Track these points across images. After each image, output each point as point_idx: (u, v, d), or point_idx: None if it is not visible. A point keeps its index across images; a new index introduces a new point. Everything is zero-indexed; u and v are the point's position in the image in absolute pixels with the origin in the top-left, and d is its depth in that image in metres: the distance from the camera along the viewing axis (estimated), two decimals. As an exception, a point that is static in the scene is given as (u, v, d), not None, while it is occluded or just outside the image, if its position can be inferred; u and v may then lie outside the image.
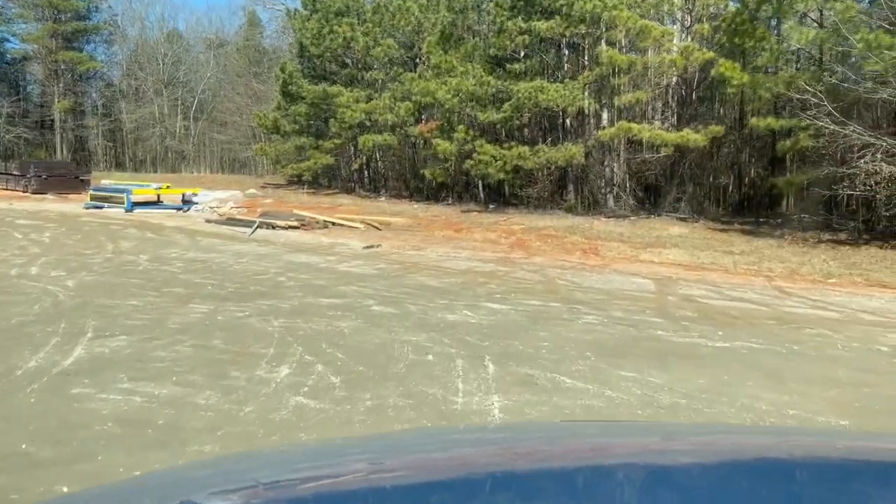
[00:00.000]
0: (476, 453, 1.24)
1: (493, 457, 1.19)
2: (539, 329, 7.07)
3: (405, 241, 14.59)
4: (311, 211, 21.70)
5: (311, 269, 10.88)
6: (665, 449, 1.23)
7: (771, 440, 1.42)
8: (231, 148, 39.12)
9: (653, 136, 16.95)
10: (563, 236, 15.57)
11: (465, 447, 1.34)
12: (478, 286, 9.60)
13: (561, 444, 1.29)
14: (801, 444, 1.31)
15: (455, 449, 1.31)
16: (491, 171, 19.91)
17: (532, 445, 1.27)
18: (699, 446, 1.26)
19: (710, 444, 1.30)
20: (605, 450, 1.23)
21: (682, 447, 1.25)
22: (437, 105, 22.69)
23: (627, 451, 1.21)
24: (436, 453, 1.24)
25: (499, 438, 1.47)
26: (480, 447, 1.32)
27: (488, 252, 13.31)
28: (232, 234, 15.17)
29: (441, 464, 1.15)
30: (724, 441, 1.34)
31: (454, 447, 1.34)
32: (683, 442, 1.32)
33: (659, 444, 1.28)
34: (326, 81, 26.13)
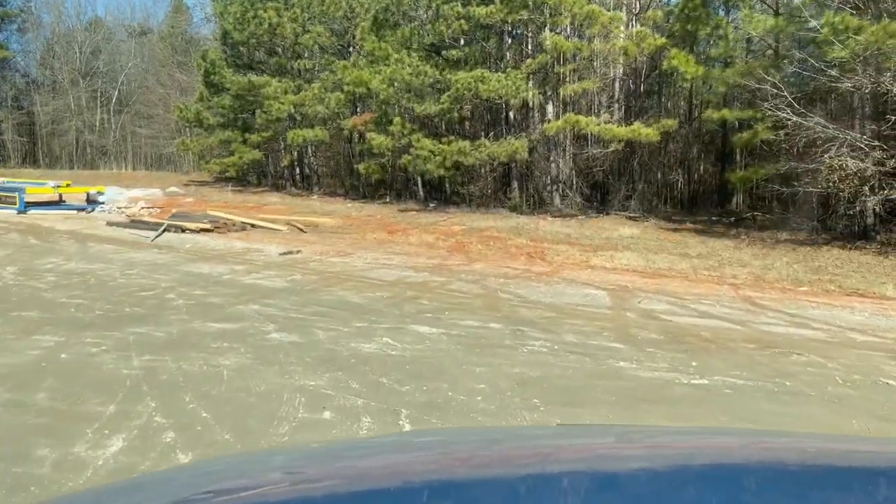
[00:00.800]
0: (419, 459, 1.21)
1: (431, 464, 1.17)
2: (475, 362, 5.65)
3: (331, 246, 13.01)
4: (234, 211, 19.88)
5: (211, 282, 9.22)
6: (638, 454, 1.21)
7: (735, 442, 1.39)
8: (156, 143, 36.58)
9: (602, 130, 15.79)
10: (507, 238, 14.25)
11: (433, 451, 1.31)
12: (407, 302, 8.14)
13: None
14: (778, 448, 1.28)
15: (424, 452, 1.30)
16: (429, 167, 18.47)
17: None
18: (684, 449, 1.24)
19: (667, 446, 1.30)
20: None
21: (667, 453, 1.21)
22: (371, 96, 21.11)
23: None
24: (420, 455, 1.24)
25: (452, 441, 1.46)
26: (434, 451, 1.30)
27: (424, 258, 11.85)
28: (133, 239, 13.31)
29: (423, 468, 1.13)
30: (679, 444, 1.32)
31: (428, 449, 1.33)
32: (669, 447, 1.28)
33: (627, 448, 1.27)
34: (253, 71, 24.21)
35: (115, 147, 38.75)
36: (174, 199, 22.90)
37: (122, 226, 14.93)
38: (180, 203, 21.87)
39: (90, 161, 38.29)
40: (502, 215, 18.42)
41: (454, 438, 1.56)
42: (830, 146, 11.54)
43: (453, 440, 1.49)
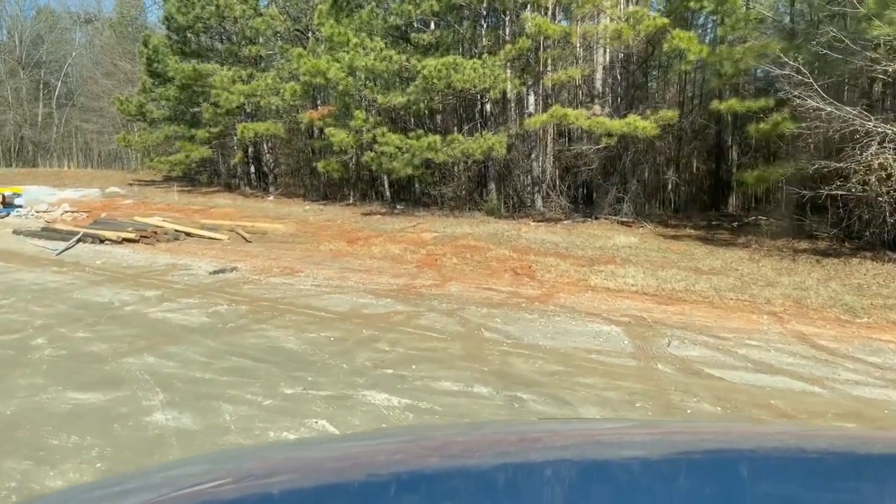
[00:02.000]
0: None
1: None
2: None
3: (276, 260, 10.85)
4: (176, 215, 17.62)
5: (106, 316, 7.02)
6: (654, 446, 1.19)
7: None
8: (102, 139, 33.84)
9: (592, 124, 13.84)
10: (487, 248, 12.23)
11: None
12: (361, 347, 6.05)
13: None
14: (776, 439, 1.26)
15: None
16: (396, 165, 16.36)
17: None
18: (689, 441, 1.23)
19: (650, 436, 1.30)
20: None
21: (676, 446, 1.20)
22: (331, 87, 18.92)
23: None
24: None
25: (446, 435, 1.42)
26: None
27: (388, 276, 9.76)
28: (34, 253, 11.00)
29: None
30: (661, 434, 1.31)
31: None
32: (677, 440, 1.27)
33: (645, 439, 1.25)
34: (201, 59, 21.83)
35: (59, 143, 35.88)
36: (111, 201, 20.47)
37: (31, 235, 12.57)
38: (116, 206, 19.48)
39: (31, 158, 35.39)
40: (478, 220, 16.41)
41: (429, 432, 1.59)
42: (870, 141, 9.71)
43: (428, 433, 1.50)
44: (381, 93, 16.75)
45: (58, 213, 15.55)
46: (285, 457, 1.24)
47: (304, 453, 1.26)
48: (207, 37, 23.15)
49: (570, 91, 18.72)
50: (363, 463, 1.10)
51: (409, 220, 16.35)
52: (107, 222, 13.62)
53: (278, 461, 1.19)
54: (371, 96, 16.97)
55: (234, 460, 1.30)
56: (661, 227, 15.46)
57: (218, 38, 23.02)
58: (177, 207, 19.03)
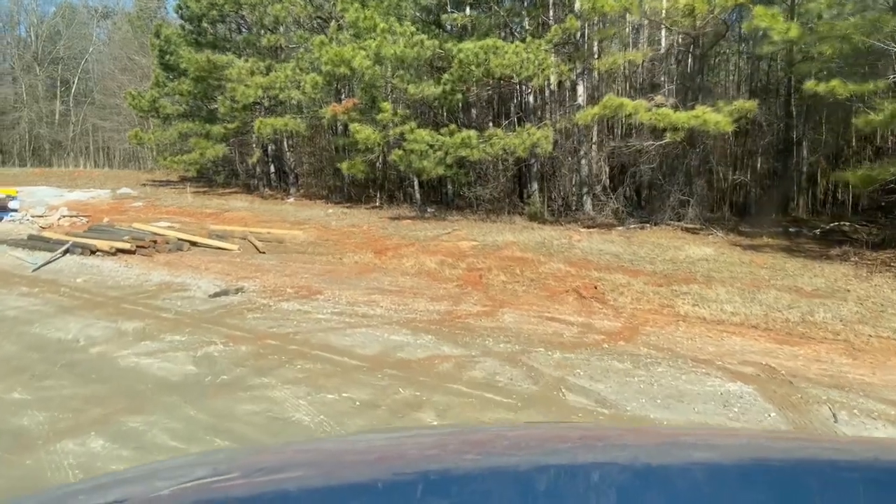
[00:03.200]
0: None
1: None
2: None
3: (291, 277, 9.13)
4: (186, 219, 16.05)
5: (61, 362, 5.33)
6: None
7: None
8: (118, 137, 32.54)
9: (655, 116, 11.93)
10: (537, 261, 10.40)
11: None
12: (398, 418, 4.29)
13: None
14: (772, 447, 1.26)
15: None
16: (426, 164, 14.57)
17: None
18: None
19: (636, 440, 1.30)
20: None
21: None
22: (355, 78, 17.23)
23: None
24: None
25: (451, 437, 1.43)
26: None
27: (425, 299, 7.99)
28: (9, 266, 9.40)
29: None
30: (652, 440, 1.33)
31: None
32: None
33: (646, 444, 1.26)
34: (217, 50, 20.25)
35: (75, 142, 34.68)
36: (119, 203, 18.98)
37: (14, 244, 11.01)
38: (124, 208, 17.96)
39: (46, 157, 34.23)
40: (520, 225, 14.59)
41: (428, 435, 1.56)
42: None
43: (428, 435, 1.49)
44: (411, 83, 14.98)
45: (54, 218, 14.03)
46: (300, 450, 1.28)
47: (323, 446, 1.34)
48: (223, 26, 21.60)
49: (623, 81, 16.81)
50: (384, 458, 1.12)
51: (443, 226, 14.58)
52: (103, 229, 12.03)
53: (292, 454, 1.24)
54: (401, 86, 15.22)
55: (248, 455, 1.33)
56: (732, 234, 13.50)
57: (235, 27, 21.46)
58: (189, 210, 17.46)
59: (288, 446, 1.47)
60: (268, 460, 1.21)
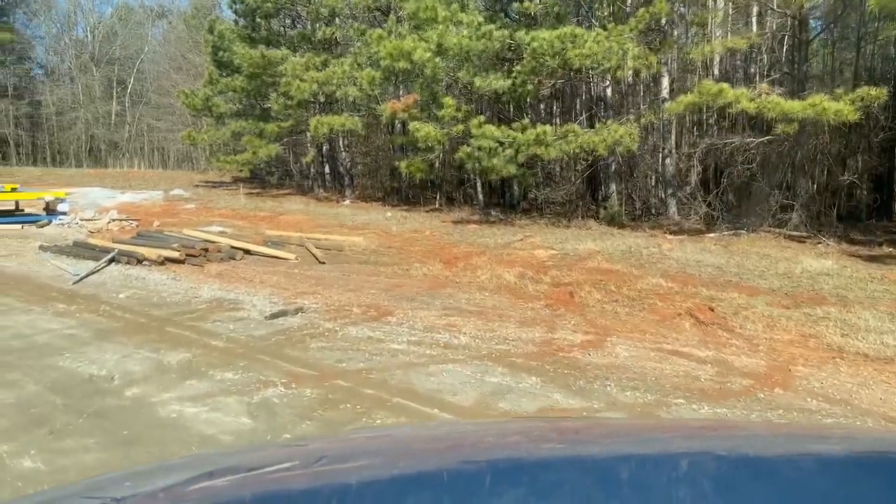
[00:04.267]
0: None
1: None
2: None
3: (356, 293, 8.06)
4: (242, 222, 15.28)
5: (87, 411, 4.33)
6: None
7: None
8: (171, 137, 32.28)
9: (762, 105, 10.50)
10: (630, 275, 9.12)
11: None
12: None
13: None
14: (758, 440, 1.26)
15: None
16: (495, 162, 13.38)
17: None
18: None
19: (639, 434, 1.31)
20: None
21: None
22: (416, 72, 16.15)
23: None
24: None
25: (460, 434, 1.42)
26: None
27: (513, 323, 6.81)
28: (48, 279, 8.57)
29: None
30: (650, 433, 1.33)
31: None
32: None
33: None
34: (271, 45, 19.46)
35: (130, 143, 34.61)
36: (171, 206, 18.33)
37: (57, 251, 10.24)
38: (175, 211, 17.29)
39: (102, 158, 34.25)
40: (597, 230, 13.30)
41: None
42: None
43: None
44: (479, 76, 13.82)
45: (103, 222, 13.34)
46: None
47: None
48: (277, 21, 20.83)
49: (703, 71, 15.31)
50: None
51: (512, 232, 13.39)
52: (152, 235, 11.21)
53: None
54: (466, 79, 14.08)
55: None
56: (844, 243, 11.96)
57: (289, 21, 20.66)
58: (242, 213, 16.67)
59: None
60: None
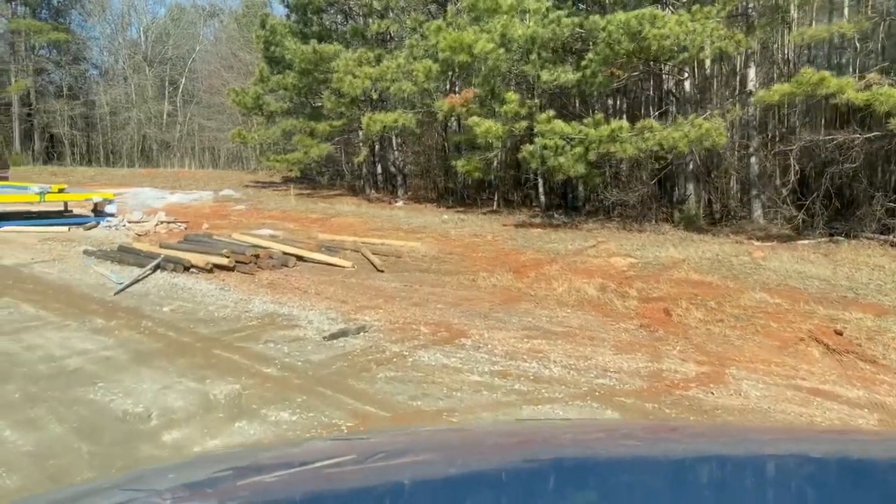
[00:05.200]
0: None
1: None
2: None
3: (421, 308, 7.19)
4: (293, 224, 14.63)
5: (116, 464, 3.54)
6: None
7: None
8: (221, 136, 32.06)
9: (872, 97, 9.28)
10: (727, 288, 8.05)
11: None
12: None
13: None
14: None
15: None
16: (563, 161, 12.35)
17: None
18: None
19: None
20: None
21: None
22: (475, 65, 15.25)
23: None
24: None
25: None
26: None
27: (607, 348, 5.84)
28: (89, 288, 7.93)
29: None
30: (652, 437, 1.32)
31: None
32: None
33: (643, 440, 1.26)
34: (323, 41, 18.79)
35: (181, 142, 34.57)
36: (221, 207, 17.82)
37: (101, 256, 9.65)
38: (225, 212, 16.76)
39: (154, 158, 34.30)
40: (675, 236, 12.17)
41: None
42: None
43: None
44: (546, 68, 12.83)
45: (151, 225, 12.80)
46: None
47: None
48: (330, 15, 20.19)
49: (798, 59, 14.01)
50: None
51: (581, 236, 12.37)
52: (200, 240, 10.56)
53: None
54: (532, 72, 13.11)
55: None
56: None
57: (341, 17, 19.99)
58: (293, 215, 16.02)
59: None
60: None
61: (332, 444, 1.33)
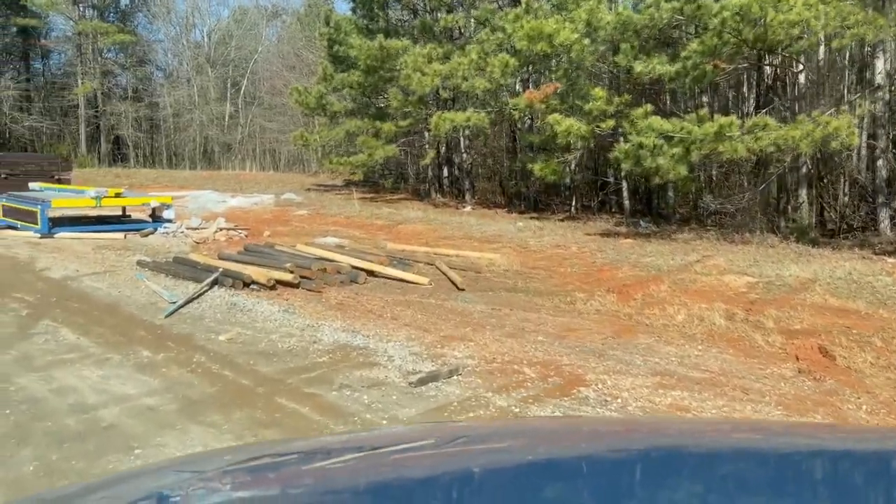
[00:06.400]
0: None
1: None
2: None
3: (519, 340, 6.02)
4: (358, 231, 13.74)
5: None
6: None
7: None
8: (282, 138, 31.59)
9: None
10: (883, 319, 6.64)
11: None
12: None
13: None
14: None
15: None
16: (661, 162, 10.98)
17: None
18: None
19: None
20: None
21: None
22: (554, 57, 14.02)
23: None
24: None
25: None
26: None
27: (771, 405, 4.56)
28: (139, 307, 7.03)
29: None
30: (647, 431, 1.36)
31: None
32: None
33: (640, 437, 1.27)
34: (390, 36, 17.84)
35: (243, 144, 34.28)
36: (283, 212, 17.04)
37: (155, 268, 8.80)
38: (287, 217, 15.95)
39: (216, 160, 34.11)
40: (789, 249, 10.67)
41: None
42: None
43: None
44: (640, 58, 11.50)
45: (210, 232, 12.00)
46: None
47: None
48: (396, 11, 19.25)
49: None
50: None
51: (679, 249, 10.99)
52: (261, 251, 9.64)
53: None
54: (624, 63, 11.80)
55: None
56: None
57: (408, 11, 19.01)
58: (357, 221, 15.09)
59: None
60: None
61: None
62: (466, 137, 18.70)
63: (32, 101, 31.86)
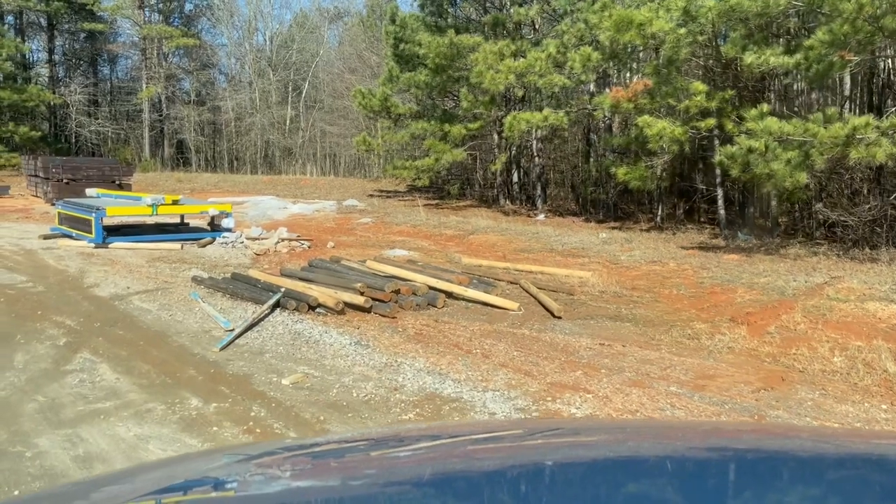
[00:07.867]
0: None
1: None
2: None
3: (647, 388, 4.84)
4: (426, 242, 12.82)
5: None
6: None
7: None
8: (344, 142, 30.98)
9: None
10: None
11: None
12: None
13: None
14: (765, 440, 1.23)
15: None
16: (776, 167, 9.55)
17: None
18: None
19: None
20: None
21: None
22: (645, 49, 12.74)
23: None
24: None
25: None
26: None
27: None
28: (191, 337, 6.10)
29: None
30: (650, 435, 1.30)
31: None
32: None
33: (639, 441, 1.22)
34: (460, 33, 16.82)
35: (303, 148, 33.85)
36: (346, 220, 16.18)
37: (211, 286, 7.93)
38: (350, 226, 15.08)
39: (277, 164, 33.77)
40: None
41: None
42: None
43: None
44: (751, 49, 10.10)
45: (271, 242, 11.16)
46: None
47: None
48: (464, 8, 18.23)
49: None
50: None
51: (795, 267, 9.55)
52: (326, 266, 8.68)
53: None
54: (732, 55, 10.44)
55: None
56: None
57: (477, 6, 17.97)
58: (424, 231, 14.08)
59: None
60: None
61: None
62: (539, 140, 17.51)
63: (99, 106, 32.13)
